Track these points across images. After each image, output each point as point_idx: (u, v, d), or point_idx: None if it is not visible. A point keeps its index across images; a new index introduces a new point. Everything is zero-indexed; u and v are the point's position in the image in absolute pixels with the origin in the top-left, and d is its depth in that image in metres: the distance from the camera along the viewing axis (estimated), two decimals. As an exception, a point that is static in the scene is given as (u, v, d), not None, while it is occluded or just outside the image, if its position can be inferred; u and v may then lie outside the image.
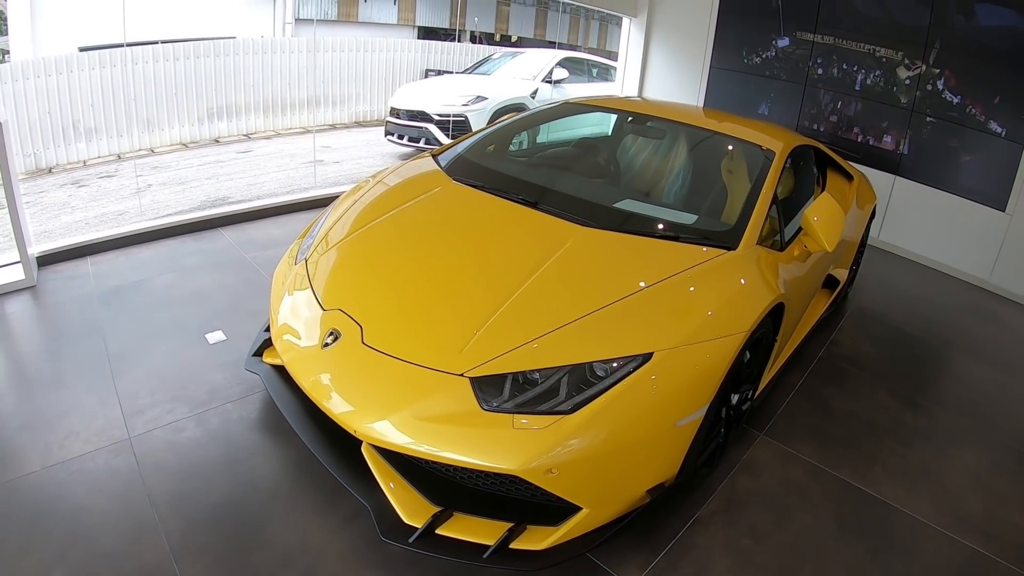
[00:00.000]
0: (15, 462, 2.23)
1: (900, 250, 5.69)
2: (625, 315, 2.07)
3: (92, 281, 3.56)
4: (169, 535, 1.99)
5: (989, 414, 3.32)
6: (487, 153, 3.35)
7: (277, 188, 6.26)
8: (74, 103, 6.54)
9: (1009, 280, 5.03)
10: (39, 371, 2.78)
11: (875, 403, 3.24)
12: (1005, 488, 2.74)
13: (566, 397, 1.84)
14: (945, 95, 5.16)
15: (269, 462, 2.34)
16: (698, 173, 3.19)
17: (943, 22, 5.06)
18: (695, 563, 2.11)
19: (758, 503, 2.42)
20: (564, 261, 2.31)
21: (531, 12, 14.86)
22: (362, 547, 2.01)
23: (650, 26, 7.00)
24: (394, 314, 2.15)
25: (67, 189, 6.09)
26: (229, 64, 7.97)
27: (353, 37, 9.36)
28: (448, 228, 2.63)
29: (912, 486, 2.64)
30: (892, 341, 3.99)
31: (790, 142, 3.22)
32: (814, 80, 5.94)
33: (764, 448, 2.75)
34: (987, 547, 2.36)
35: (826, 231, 2.75)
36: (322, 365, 2.06)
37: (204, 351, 2.98)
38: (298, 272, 2.50)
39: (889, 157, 5.56)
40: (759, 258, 2.53)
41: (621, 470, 1.92)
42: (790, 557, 2.19)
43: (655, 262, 2.36)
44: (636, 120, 3.66)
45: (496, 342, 1.96)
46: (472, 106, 7.24)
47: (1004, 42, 4.79)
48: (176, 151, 7.42)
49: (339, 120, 9.51)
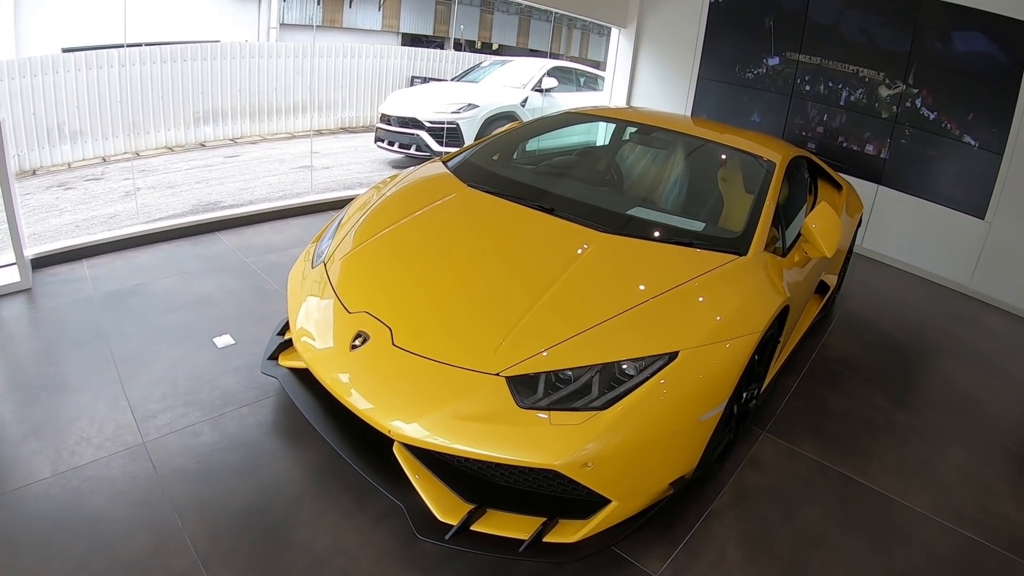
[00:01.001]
0: (24, 469, 2.18)
1: (883, 257, 5.88)
2: (650, 316, 2.15)
3: (90, 284, 3.52)
4: (195, 541, 1.97)
5: (975, 413, 3.48)
6: (496, 160, 3.41)
7: (269, 193, 6.23)
8: (59, 105, 6.44)
9: (988, 285, 5.23)
10: (43, 376, 2.73)
11: (868, 403, 3.36)
12: (995, 482, 2.87)
13: (599, 394, 1.91)
14: (923, 111, 5.38)
15: (291, 465, 2.34)
16: (705, 183, 3.30)
17: (922, 47, 5.28)
18: (714, 553, 2.19)
19: (766, 496, 2.52)
20: (587, 265, 2.39)
21: (514, 20, 14.99)
22: (395, 547, 2.03)
23: (639, 37, 7.13)
24: (423, 316, 2.19)
25: (53, 191, 5.99)
26: (215, 68, 7.91)
27: (340, 43, 9.34)
28: (470, 232, 2.69)
29: (909, 480, 2.77)
30: (880, 344, 4.14)
31: (787, 153, 3.34)
32: (800, 94, 6.11)
33: (768, 445, 2.85)
34: (982, 536, 2.50)
35: (825, 238, 2.87)
36: (351, 367, 2.08)
37: (213, 355, 2.97)
38: (317, 276, 2.52)
39: (872, 166, 5.75)
40: (767, 263, 2.63)
41: (649, 463, 1.99)
42: (801, 546, 2.29)
43: (672, 267, 2.45)
44: (642, 131, 3.76)
45: (528, 342, 2.02)
46: (464, 114, 7.28)
47: (977, 64, 5.04)
48: (162, 155, 7.34)
49: (326, 126, 9.48)
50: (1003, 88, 4.91)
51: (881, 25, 5.51)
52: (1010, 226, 5.05)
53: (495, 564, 2.01)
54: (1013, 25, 4.80)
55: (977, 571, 2.33)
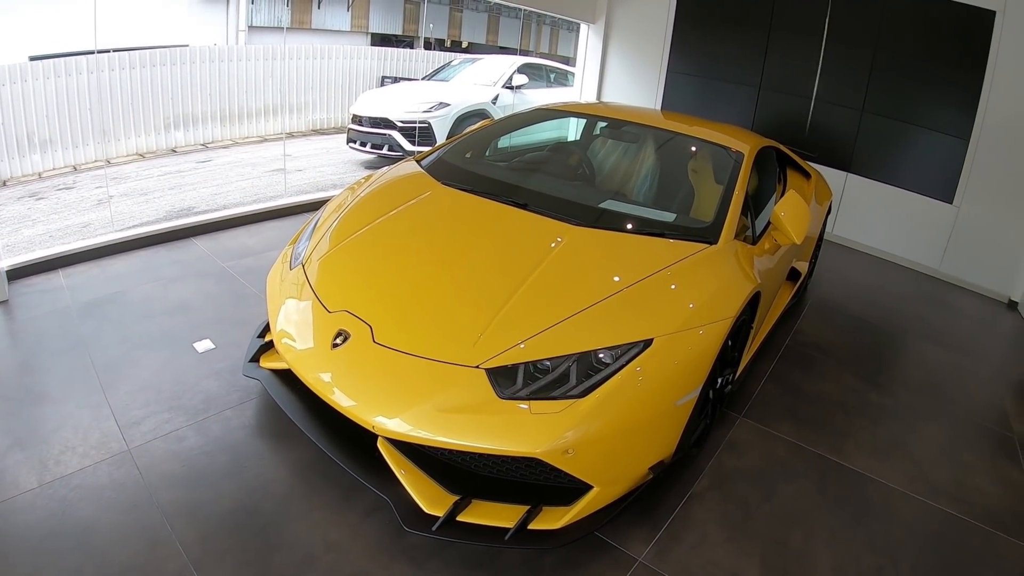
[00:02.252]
0: (9, 480, 2.17)
1: (854, 243, 6.02)
2: (624, 305, 2.21)
3: (67, 294, 3.49)
4: (186, 544, 1.99)
5: (947, 392, 3.59)
6: (469, 158, 3.45)
7: (243, 197, 6.20)
8: (28, 114, 6.33)
9: (958, 268, 5.40)
10: (23, 387, 2.71)
11: (842, 385, 3.46)
12: (969, 457, 2.98)
13: (577, 383, 1.96)
14: (889, 99, 5.51)
15: (277, 465, 2.36)
16: (676, 175, 3.36)
17: (888, 34, 5.41)
18: (695, 534, 2.26)
19: (745, 478, 2.59)
20: (562, 257, 2.44)
21: (483, 18, 15.00)
22: (384, 541, 2.07)
23: (608, 32, 7.20)
24: (402, 313, 2.23)
25: (25, 202, 5.91)
26: (185, 73, 7.83)
27: (309, 44, 9.28)
28: (446, 229, 2.72)
29: (883, 458, 2.86)
30: (852, 328, 4.25)
31: (756, 144, 3.42)
32: (769, 85, 6.22)
33: (744, 429, 2.92)
34: (958, 509, 2.59)
35: (794, 225, 2.95)
36: (333, 365, 2.11)
37: (194, 360, 2.97)
38: (295, 277, 2.54)
39: (841, 154, 5.88)
40: (737, 251, 2.70)
41: (628, 448, 2.05)
42: (780, 525, 2.37)
43: (645, 257, 2.51)
44: (613, 126, 3.81)
45: (507, 334, 2.07)
46: (435, 112, 7.29)
47: (942, 51, 5.18)
48: (133, 162, 7.25)
49: (297, 128, 9.43)
50: (968, 74, 5.05)
51: (847, 15, 5.63)
52: (978, 210, 5.21)
53: (482, 553, 2.05)
54: (978, 12, 4.94)
55: (954, 544, 2.42)
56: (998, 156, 5.03)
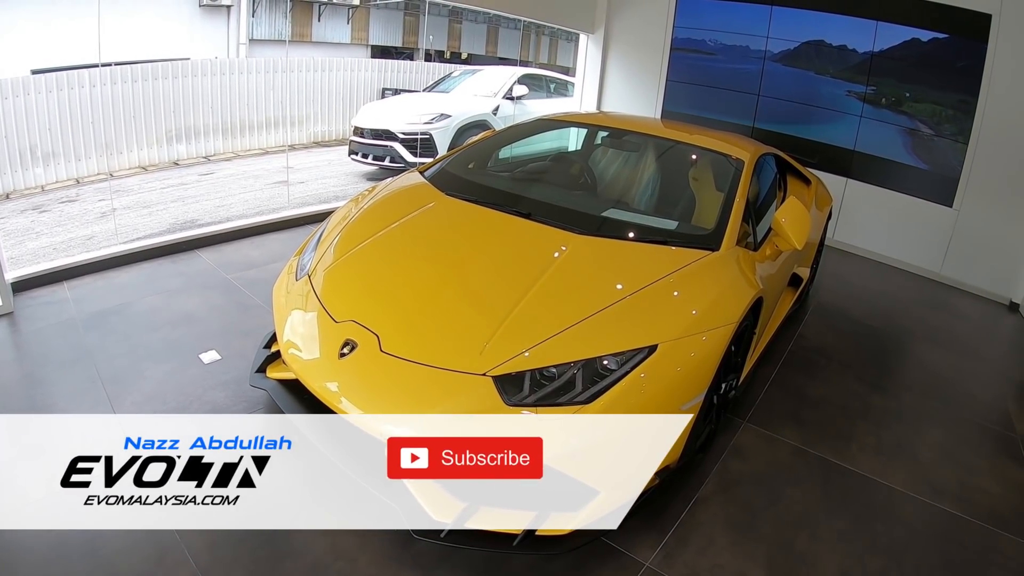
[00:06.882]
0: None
1: (855, 248, 6.04)
2: (628, 312, 2.23)
3: (72, 306, 3.51)
4: (194, 553, 2.00)
5: (950, 394, 3.61)
6: (472, 169, 3.48)
7: (246, 209, 6.22)
8: (31, 127, 6.37)
9: (959, 271, 5.43)
10: (30, 398, 2.74)
11: (845, 389, 3.47)
12: (971, 459, 3.00)
13: (582, 389, 1.98)
14: (889, 105, 5.56)
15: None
16: (677, 183, 3.39)
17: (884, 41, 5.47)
18: (702, 538, 2.27)
19: (750, 482, 2.61)
20: (566, 266, 2.47)
21: (483, 29, 15.07)
22: (392, 548, 2.08)
23: (607, 42, 7.24)
24: (409, 322, 2.25)
25: (28, 215, 5.94)
26: (186, 86, 7.87)
27: (310, 57, 9.32)
28: (451, 239, 2.76)
29: (887, 460, 2.87)
30: (855, 332, 4.27)
31: (755, 151, 3.45)
32: (768, 93, 6.27)
33: (749, 433, 2.94)
34: (961, 510, 2.61)
35: (795, 231, 2.98)
36: (340, 375, 2.13)
37: (200, 371, 2.99)
38: (301, 288, 2.56)
39: (841, 161, 5.91)
40: (739, 258, 2.73)
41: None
42: (785, 527, 2.38)
43: (648, 264, 2.54)
44: (613, 135, 3.85)
45: (513, 342, 2.09)
46: (436, 124, 7.33)
47: (941, 56, 5.24)
48: (136, 174, 7.28)
49: (299, 140, 9.47)
50: (966, 78, 5.10)
51: (845, 21, 5.69)
52: (978, 213, 5.24)
53: (491, 559, 2.07)
54: (974, 16, 4.99)
55: (958, 543, 2.43)
56: (997, 158, 5.07)
